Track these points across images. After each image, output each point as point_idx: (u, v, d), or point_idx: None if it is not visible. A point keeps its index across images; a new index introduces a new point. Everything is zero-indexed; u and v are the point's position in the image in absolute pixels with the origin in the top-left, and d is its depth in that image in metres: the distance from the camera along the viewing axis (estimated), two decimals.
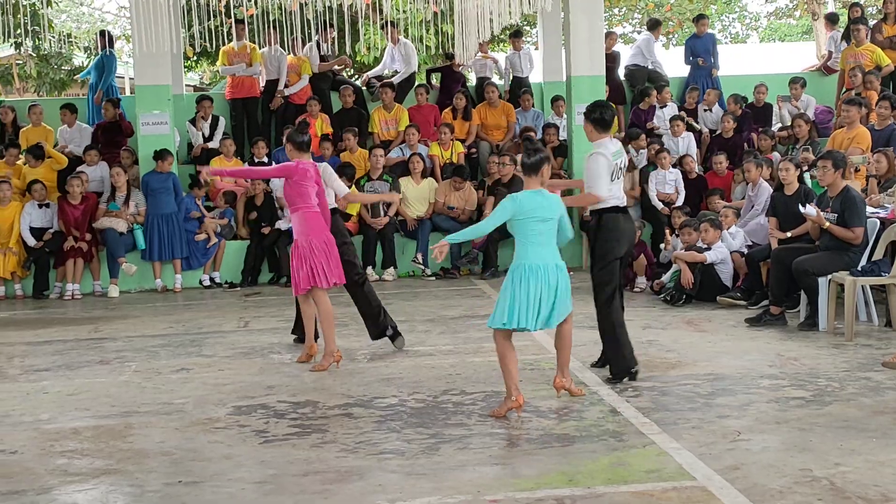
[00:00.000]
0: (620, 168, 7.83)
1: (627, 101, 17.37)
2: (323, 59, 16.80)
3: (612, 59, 16.75)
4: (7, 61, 27.07)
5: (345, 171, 13.50)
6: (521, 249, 6.93)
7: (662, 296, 11.49)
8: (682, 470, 5.65)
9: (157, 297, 13.73)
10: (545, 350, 9.00)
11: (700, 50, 17.61)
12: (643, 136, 15.44)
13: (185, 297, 13.46)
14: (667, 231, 12.79)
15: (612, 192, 7.75)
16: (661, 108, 16.48)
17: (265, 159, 15.04)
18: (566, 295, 6.99)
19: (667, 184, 14.37)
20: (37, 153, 14.71)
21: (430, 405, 7.28)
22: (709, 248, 11.36)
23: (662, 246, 12.58)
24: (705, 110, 16.57)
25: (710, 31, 18.72)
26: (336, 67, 17.43)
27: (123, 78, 27.28)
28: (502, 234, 13.78)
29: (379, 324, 9.34)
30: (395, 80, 17.03)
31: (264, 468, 5.97)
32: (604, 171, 7.66)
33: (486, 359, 8.71)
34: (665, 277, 11.74)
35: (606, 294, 7.83)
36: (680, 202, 13.99)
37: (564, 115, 15.95)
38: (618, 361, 7.85)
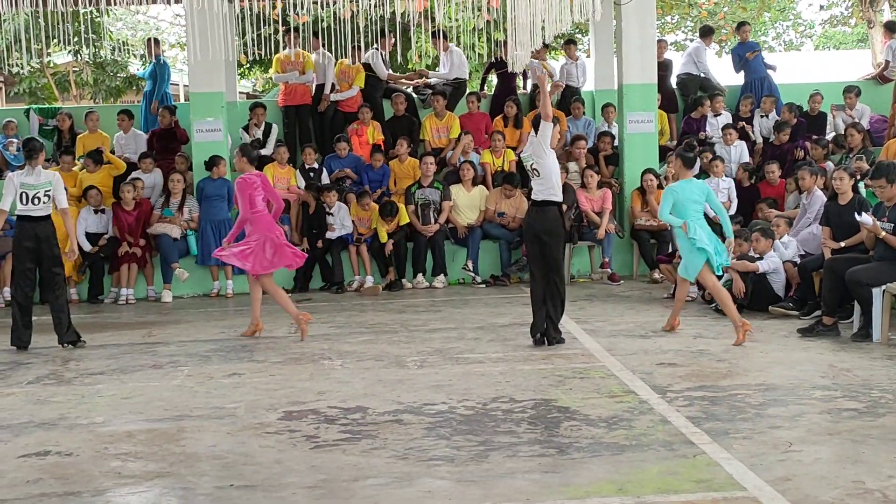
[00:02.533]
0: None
1: (679, 110, 17.27)
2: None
3: (664, 68, 16.67)
4: (65, 68, 27.44)
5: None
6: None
7: (714, 305, 11.41)
8: (733, 480, 5.62)
9: (209, 302, 13.85)
10: (594, 359, 8.99)
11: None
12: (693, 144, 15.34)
13: (237, 302, 13.56)
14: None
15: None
16: (715, 116, 16.38)
17: (315, 165, 15.12)
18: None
19: (720, 192, 14.28)
20: (96, 157, 14.89)
21: (479, 412, 7.29)
22: (761, 258, 11.28)
23: None
24: (762, 117, 16.43)
25: (752, 39, 18.49)
26: (408, 83, 17.51)
27: (178, 85, 27.56)
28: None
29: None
30: (432, 78, 17.06)
31: (315, 473, 6.02)
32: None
33: (535, 367, 8.73)
34: None
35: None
36: (732, 211, 13.90)
37: (615, 123, 15.89)
38: None
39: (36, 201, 10.23)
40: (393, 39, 17.09)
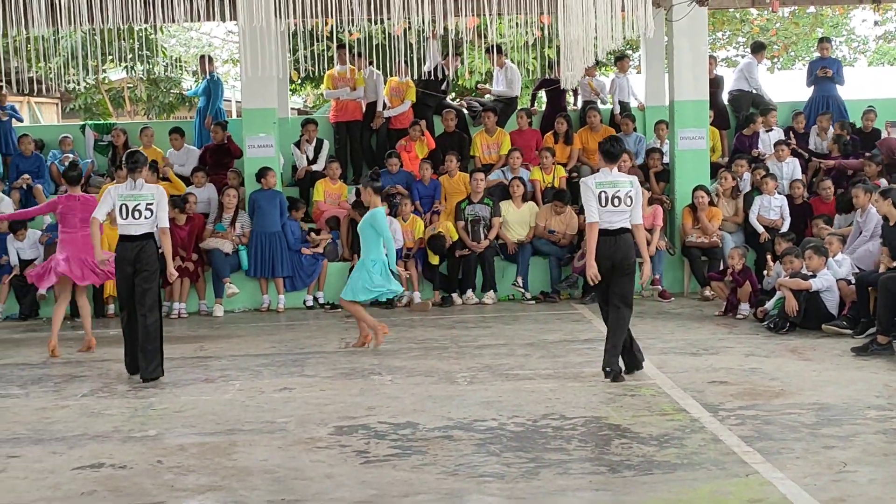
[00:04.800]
0: (617, 196, 8.75)
1: (731, 126, 17.17)
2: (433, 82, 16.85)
3: (715, 84, 16.58)
4: (119, 85, 27.78)
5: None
6: None
7: (766, 323, 11.33)
8: (786, 500, 5.57)
9: (260, 316, 13.94)
10: (645, 376, 8.95)
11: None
12: (745, 161, 15.26)
13: (288, 317, 13.64)
14: (768, 257, 12.61)
15: (603, 218, 8.78)
16: (767, 132, 16.28)
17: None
18: None
19: (772, 210, 14.19)
20: (152, 167, 15.03)
21: (529, 429, 7.28)
22: (814, 276, 11.17)
23: (765, 272, 12.41)
24: (818, 134, 16.29)
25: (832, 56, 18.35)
26: (469, 101, 17.61)
27: (230, 101, 27.81)
28: None
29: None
30: (493, 92, 17.12)
31: (365, 488, 6.03)
32: (589, 198, 8.82)
33: (586, 384, 8.70)
34: (769, 304, 11.57)
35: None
36: (785, 228, 13.80)
37: (667, 140, 15.83)
38: (609, 360, 8.82)
39: (136, 214, 9.48)
40: (458, 63, 17.16)
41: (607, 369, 8.76)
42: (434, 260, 14.19)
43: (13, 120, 17.26)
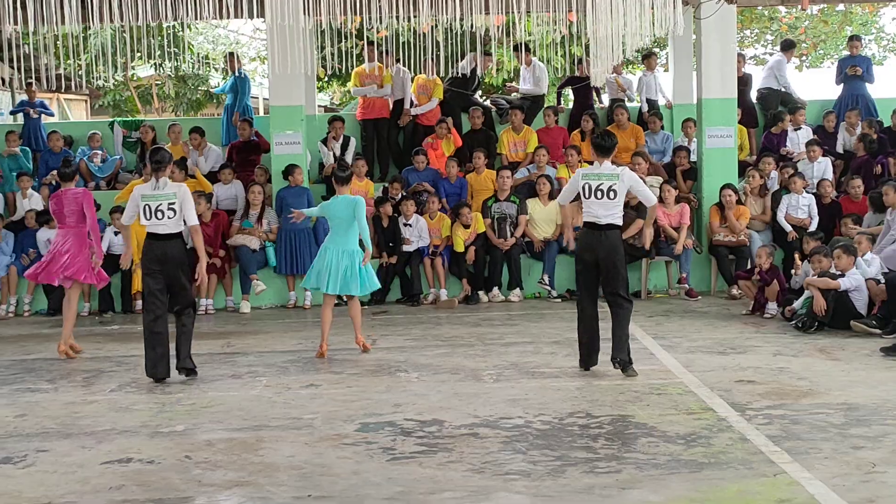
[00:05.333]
0: (600, 189, 8.92)
1: (760, 125, 17.09)
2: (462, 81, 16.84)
3: (743, 82, 16.51)
4: (147, 81, 27.93)
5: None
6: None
7: (794, 322, 11.27)
8: (814, 500, 5.55)
9: (287, 313, 13.98)
10: (672, 375, 8.93)
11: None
12: (772, 159, 15.19)
13: (315, 314, 13.61)
14: (796, 256, 12.54)
15: (588, 209, 9.01)
16: (795, 130, 16.20)
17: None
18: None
19: (800, 208, 14.11)
20: (180, 165, 15.10)
21: (555, 427, 7.28)
22: (843, 275, 11.10)
23: (793, 271, 12.35)
24: (846, 130, 16.20)
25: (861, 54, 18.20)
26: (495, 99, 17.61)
27: (258, 98, 27.89)
28: (630, 257, 13.76)
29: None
30: (520, 90, 17.08)
31: (392, 485, 6.05)
32: (571, 184, 9.27)
33: (612, 382, 8.69)
34: (797, 304, 11.51)
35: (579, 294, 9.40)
36: (813, 227, 13.72)
37: (694, 138, 15.77)
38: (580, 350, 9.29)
39: (160, 215, 9.30)
40: (490, 63, 17.11)
41: (617, 360, 8.99)
42: (459, 245, 14.19)
43: (43, 116, 17.36)
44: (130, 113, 26.90)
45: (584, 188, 9.01)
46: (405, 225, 14.42)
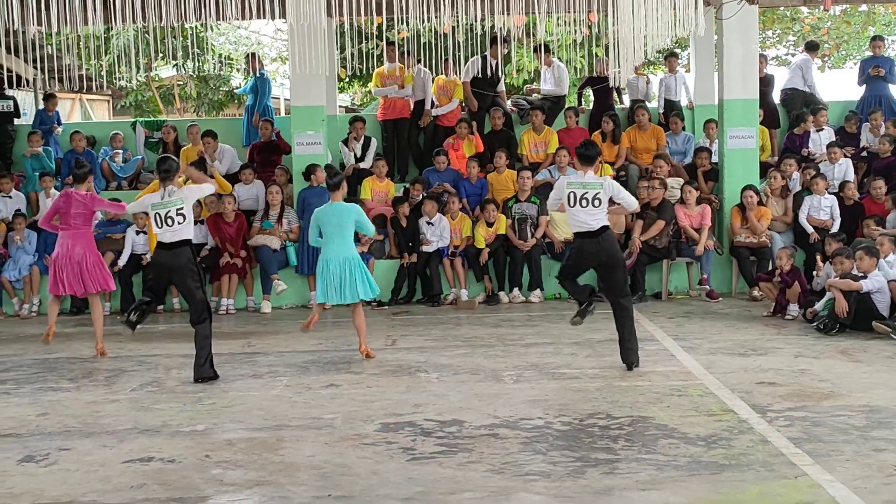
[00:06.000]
0: (585, 197, 9.16)
1: (782, 126, 17.02)
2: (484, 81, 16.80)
3: (765, 83, 16.45)
4: (169, 82, 28.04)
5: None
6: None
7: (815, 324, 11.22)
8: (836, 503, 5.52)
9: (307, 313, 13.91)
10: (692, 376, 8.91)
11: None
12: (794, 160, 15.13)
13: (335, 314, 13.63)
14: (818, 258, 12.49)
15: (574, 216, 9.28)
16: (818, 131, 16.13)
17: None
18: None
19: (822, 210, 14.05)
20: (199, 165, 15.12)
21: (576, 428, 7.27)
22: (865, 277, 11.05)
23: (815, 273, 12.29)
24: (870, 131, 16.12)
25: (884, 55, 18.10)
26: (515, 100, 17.58)
27: (278, 99, 27.95)
28: (651, 259, 13.75)
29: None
30: (541, 91, 17.02)
31: (412, 485, 6.05)
32: (556, 194, 9.48)
33: (632, 383, 8.67)
34: (818, 305, 11.46)
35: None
36: (835, 229, 13.66)
37: (716, 139, 15.73)
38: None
39: (169, 221, 9.40)
40: (506, 49, 17.03)
41: (635, 364, 9.25)
42: (480, 242, 14.21)
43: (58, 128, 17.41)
44: (152, 113, 27.01)
45: (569, 197, 9.29)
46: (428, 223, 14.44)
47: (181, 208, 9.46)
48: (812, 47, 18.07)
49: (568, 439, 6.98)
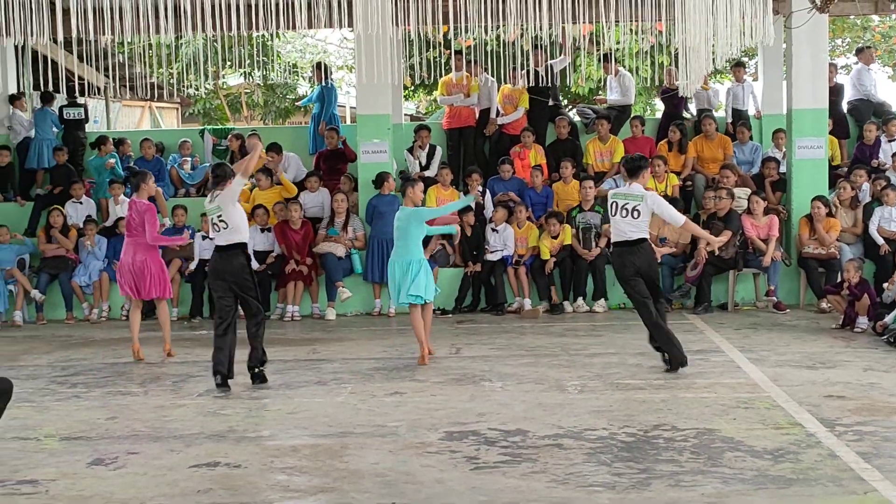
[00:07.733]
0: (625, 208, 9.59)
1: (852, 136, 16.78)
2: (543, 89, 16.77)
3: (835, 93, 16.23)
4: (236, 90, 28.33)
5: None
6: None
7: (885, 337, 11.05)
8: None
9: (372, 320, 14.06)
10: (759, 389, 8.81)
11: None
12: (864, 171, 14.92)
13: (400, 321, 13.70)
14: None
15: (615, 225, 9.74)
16: (889, 141, 15.89)
17: (479, 188, 15.21)
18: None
19: (892, 221, 13.84)
20: (266, 171, 15.30)
21: (640, 440, 7.22)
22: None
23: (886, 286, 12.11)
24: None
25: None
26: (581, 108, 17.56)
27: (344, 107, 28.13)
28: (717, 269, 13.62)
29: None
30: (607, 100, 16.95)
31: (475, 494, 6.05)
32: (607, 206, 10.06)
33: (698, 395, 8.60)
34: (888, 318, 11.29)
35: (637, 305, 9.77)
36: None
37: (784, 149, 15.56)
38: (671, 352, 9.60)
39: (216, 227, 9.49)
40: (570, 58, 17.00)
41: (666, 357, 9.71)
42: (545, 253, 14.19)
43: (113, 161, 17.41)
44: (220, 121, 27.33)
45: (611, 206, 9.76)
46: (493, 230, 14.46)
47: (220, 215, 9.47)
48: (859, 51, 17.78)
49: (632, 451, 6.94)
